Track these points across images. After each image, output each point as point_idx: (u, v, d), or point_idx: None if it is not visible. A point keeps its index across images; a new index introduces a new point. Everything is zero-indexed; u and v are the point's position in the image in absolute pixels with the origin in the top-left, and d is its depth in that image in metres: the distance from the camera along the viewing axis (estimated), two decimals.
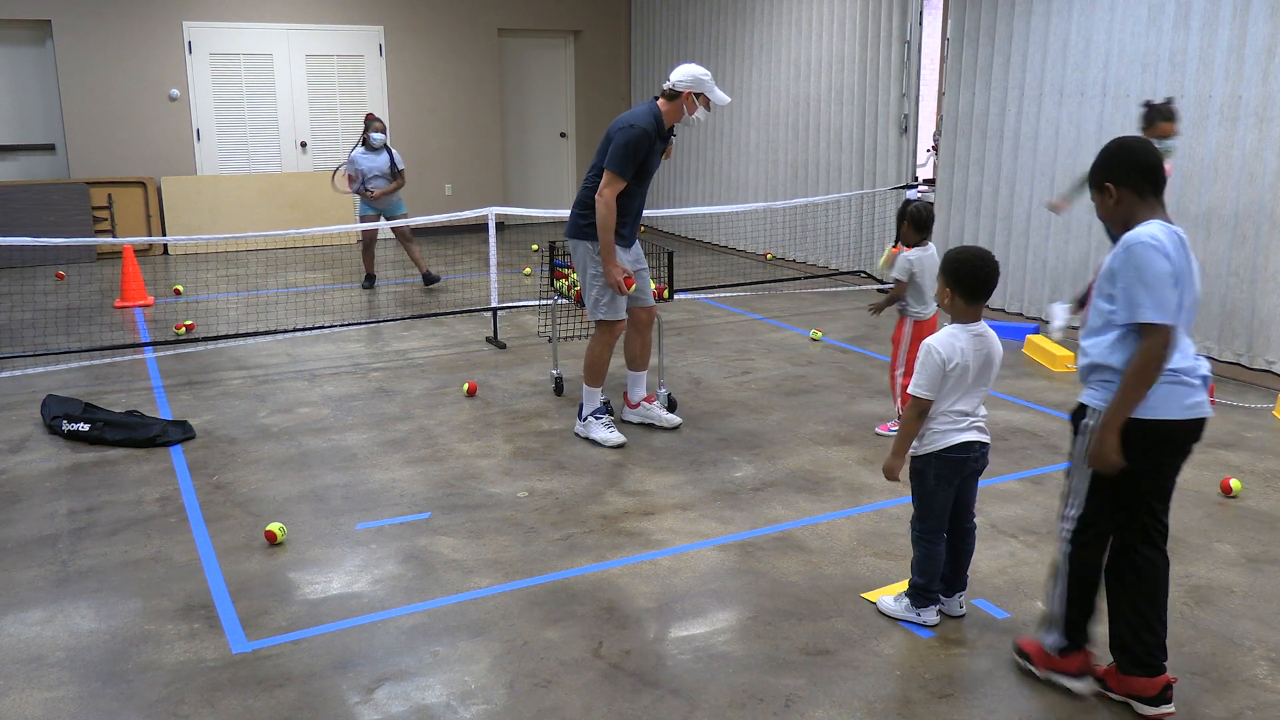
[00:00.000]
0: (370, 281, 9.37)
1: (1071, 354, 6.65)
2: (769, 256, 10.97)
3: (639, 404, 5.47)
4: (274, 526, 4.04)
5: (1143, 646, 2.87)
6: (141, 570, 3.83)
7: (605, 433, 5.18)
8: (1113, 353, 2.74)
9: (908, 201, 5.12)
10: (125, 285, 8.54)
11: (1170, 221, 2.77)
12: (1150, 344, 2.65)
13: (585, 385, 5.26)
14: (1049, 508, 4.38)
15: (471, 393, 6.03)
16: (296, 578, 3.77)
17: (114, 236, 10.73)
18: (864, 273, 9.69)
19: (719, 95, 4.98)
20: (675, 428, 5.38)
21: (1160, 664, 2.88)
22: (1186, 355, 2.77)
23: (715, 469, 4.87)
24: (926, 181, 9.39)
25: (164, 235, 11.02)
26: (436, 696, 3.03)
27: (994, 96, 7.95)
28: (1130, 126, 6.94)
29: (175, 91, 11.15)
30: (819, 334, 7.45)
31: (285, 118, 11.78)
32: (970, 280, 3.19)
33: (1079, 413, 2.87)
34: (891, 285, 5.12)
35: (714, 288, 9.13)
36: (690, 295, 8.84)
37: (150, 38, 10.97)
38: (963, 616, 3.46)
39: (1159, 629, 2.88)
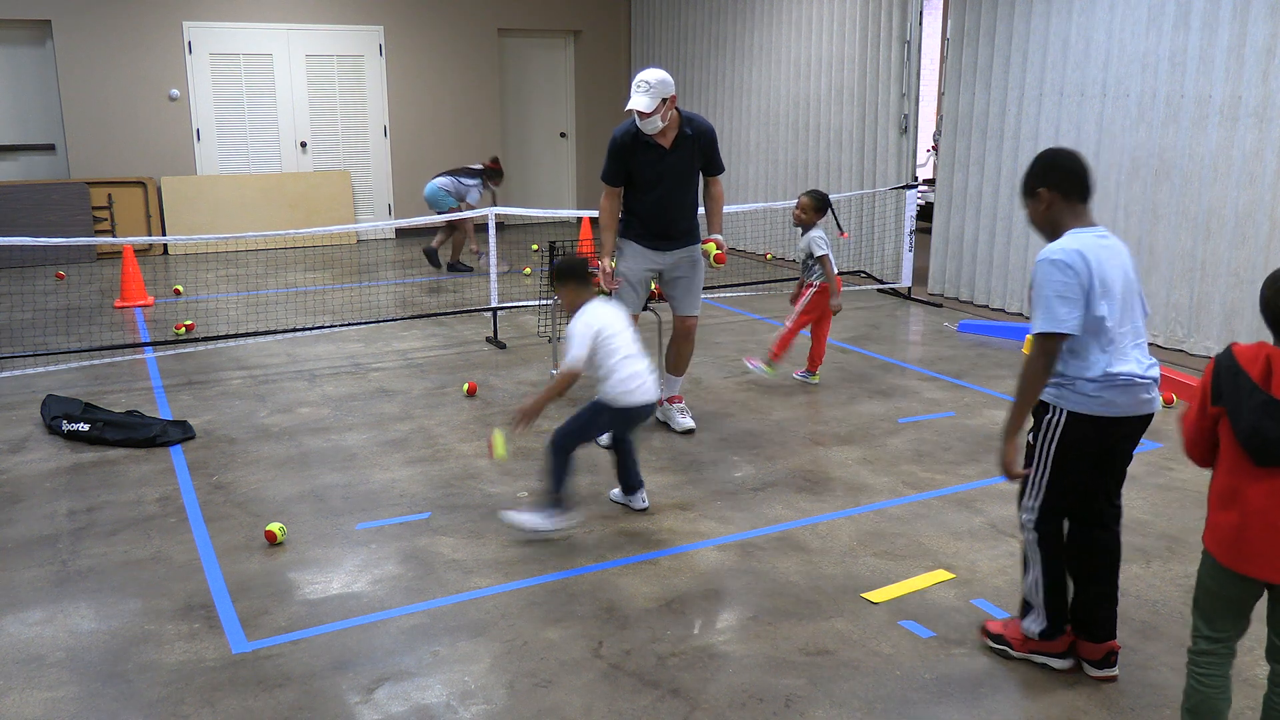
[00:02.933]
0: (433, 257, 10.16)
1: None
2: (769, 256, 10.97)
3: (661, 401, 5.49)
4: (274, 526, 4.04)
5: (1102, 619, 3.10)
6: (141, 570, 3.83)
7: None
8: (1062, 362, 2.89)
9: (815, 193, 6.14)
10: (125, 285, 8.54)
11: (1096, 227, 2.92)
12: (1034, 353, 2.85)
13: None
14: None
15: (471, 393, 6.03)
16: (296, 578, 3.77)
17: (114, 236, 10.74)
18: (864, 273, 9.69)
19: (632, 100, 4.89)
20: (686, 432, 5.38)
21: (1112, 633, 3.11)
22: (1128, 361, 2.88)
23: (715, 469, 4.87)
24: (926, 181, 9.39)
25: (164, 235, 11.02)
26: (436, 696, 3.03)
27: (994, 96, 7.95)
28: (1130, 126, 6.95)
29: (175, 91, 11.15)
30: None
31: (285, 118, 11.78)
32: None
33: (1040, 409, 3.00)
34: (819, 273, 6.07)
35: (714, 288, 9.12)
36: None
37: (150, 38, 10.98)
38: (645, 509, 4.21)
39: (1114, 602, 3.12)
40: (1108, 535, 3.10)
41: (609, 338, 4.01)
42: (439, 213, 9.73)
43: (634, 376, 4.01)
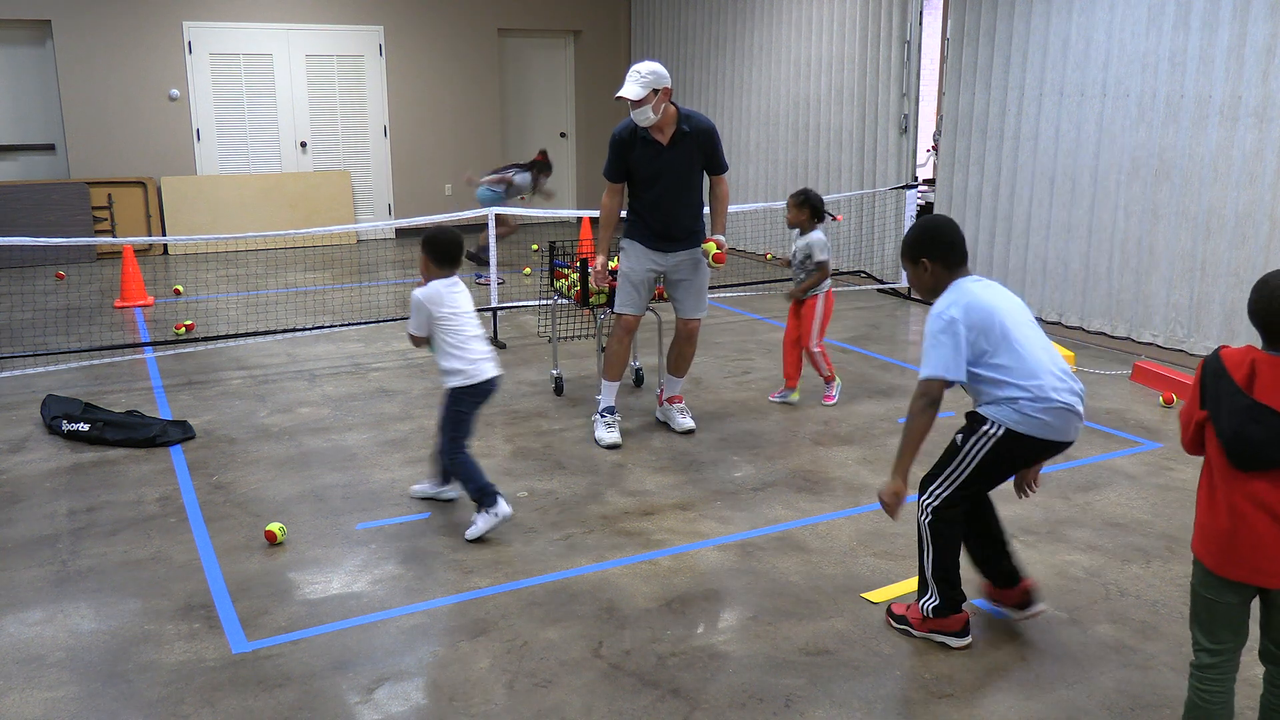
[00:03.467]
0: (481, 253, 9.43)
1: (1073, 354, 6.65)
2: (769, 256, 10.97)
3: (663, 401, 5.51)
4: (274, 526, 4.04)
5: (1006, 567, 3.38)
6: (141, 570, 3.83)
7: (602, 431, 5.20)
8: (998, 389, 3.10)
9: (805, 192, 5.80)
10: (125, 285, 8.54)
11: (970, 276, 3.19)
12: (916, 394, 3.11)
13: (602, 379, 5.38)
14: (1049, 508, 4.39)
15: None
16: (296, 578, 3.78)
17: (114, 236, 10.74)
18: (864, 272, 9.69)
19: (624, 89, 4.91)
20: (686, 432, 5.37)
21: (1021, 575, 3.39)
22: (1063, 390, 3.08)
23: (715, 469, 4.87)
24: (926, 181, 9.39)
25: (164, 235, 11.02)
26: (436, 696, 3.03)
27: (994, 96, 7.95)
28: (1130, 126, 6.95)
29: (175, 91, 11.15)
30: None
31: (285, 118, 11.78)
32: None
33: (978, 420, 3.17)
34: (809, 270, 5.73)
35: (714, 288, 9.12)
36: None
37: (150, 38, 10.98)
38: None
39: (1007, 545, 3.41)
40: (985, 500, 3.38)
41: (450, 317, 4.06)
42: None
43: (476, 357, 4.09)
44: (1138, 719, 2.93)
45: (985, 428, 3.13)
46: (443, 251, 4.13)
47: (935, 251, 3.20)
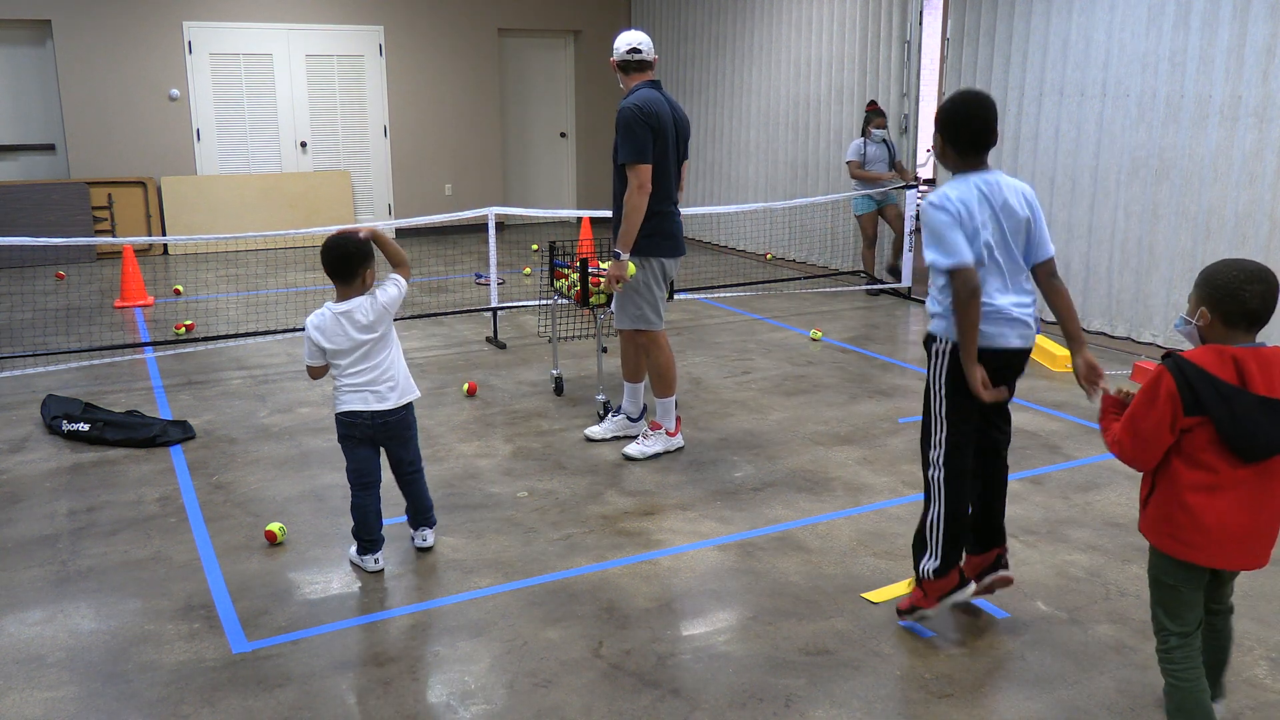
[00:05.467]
0: (896, 274, 9.04)
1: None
2: (769, 256, 10.97)
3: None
4: (274, 526, 4.04)
5: (993, 528, 3.39)
6: (141, 570, 3.83)
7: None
8: (943, 295, 3.11)
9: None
10: (125, 285, 8.54)
11: (985, 171, 3.14)
12: (953, 283, 3.03)
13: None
14: (1049, 508, 4.39)
15: (471, 393, 6.03)
16: (296, 578, 3.78)
17: (114, 236, 10.74)
18: (864, 273, 9.69)
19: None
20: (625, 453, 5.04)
21: (999, 540, 3.41)
22: (1008, 293, 3.11)
23: (715, 469, 4.87)
24: (926, 181, 9.39)
25: (164, 235, 11.02)
26: (436, 696, 3.03)
27: (994, 96, 7.92)
28: (1130, 126, 6.95)
29: (175, 91, 11.15)
30: (819, 334, 7.45)
31: (285, 118, 11.79)
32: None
33: (929, 339, 3.21)
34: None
35: (714, 288, 9.13)
36: (690, 295, 8.84)
37: (150, 38, 10.98)
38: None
39: (1002, 515, 3.41)
40: (999, 460, 3.36)
41: (331, 353, 3.62)
42: (869, 212, 8.96)
43: (351, 385, 3.64)
44: (1138, 719, 2.92)
45: (935, 347, 3.16)
46: (327, 266, 3.60)
47: (947, 131, 3.15)
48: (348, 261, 3.60)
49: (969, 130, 3.12)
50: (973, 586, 3.32)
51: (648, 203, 4.64)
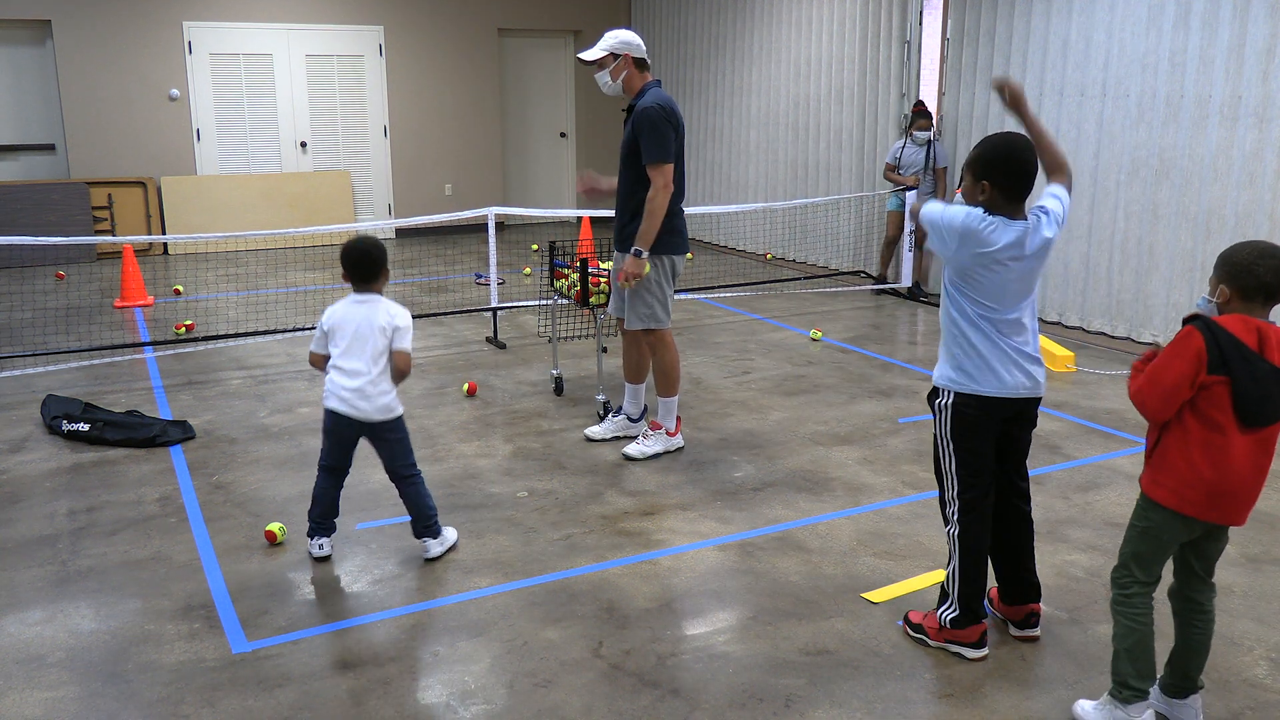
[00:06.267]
0: (917, 289, 8.94)
1: (1072, 354, 6.65)
2: (769, 256, 10.97)
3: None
4: (274, 526, 4.04)
5: (1023, 585, 3.32)
6: (141, 570, 3.83)
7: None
8: (957, 345, 3.10)
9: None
10: (125, 285, 8.54)
11: (1019, 217, 2.99)
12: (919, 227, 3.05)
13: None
14: (1049, 508, 4.39)
15: (471, 393, 6.03)
16: (296, 578, 3.78)
17: (114, 236, 10.72)
18: (864, 273, 9.69)
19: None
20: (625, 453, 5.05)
21: (1031, 597, 3.32)
22: (1027, 341, 3.09)
23: (715, 469, 4.87)
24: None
25: (164, 235, 11.00)
26: (436, 696, 3.03)
27: (994, 96, 7.95)
28: (1130, 126, 6.95)
29: (175, 91, 11.15)
30: (819, 334, 7.45)
31: (285, 118, 11.79)
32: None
33: (932, 395, 3.19)
34: None
35: (714, 288, 9.13)
36: (690, 295, 8.84)
37: (150, 38, 10.98)
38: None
39: (1032, 571, 3.33)
40: (1020, 513, 3.30)
41: (331, 333, 3.76)
42: (896, 210, 8.85)
43: (334, 378, 3.72)
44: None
45: (938, 401, 3.15)
46: (346, 264, 3.77)
47: (1000, 177, 2.94)
48: (370, 262, 3.76)
49: (1021, 176, 2.95)
50: (984, 653, 3.22)
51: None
